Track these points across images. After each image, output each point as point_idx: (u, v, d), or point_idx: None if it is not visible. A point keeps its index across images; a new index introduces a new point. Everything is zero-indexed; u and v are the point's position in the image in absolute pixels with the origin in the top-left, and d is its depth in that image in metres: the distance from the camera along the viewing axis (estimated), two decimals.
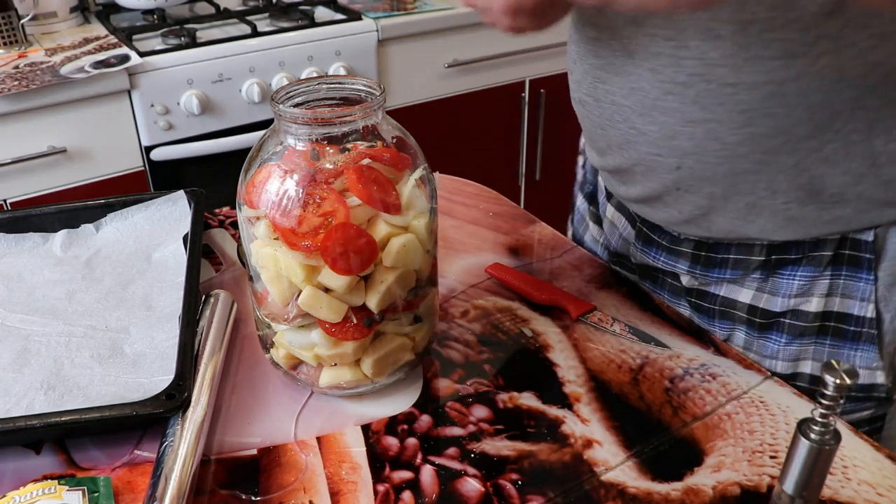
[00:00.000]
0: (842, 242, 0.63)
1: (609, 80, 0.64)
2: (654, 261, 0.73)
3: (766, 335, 0.68)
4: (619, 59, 0.62)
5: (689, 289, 0.72)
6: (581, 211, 0.88)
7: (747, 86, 0.56)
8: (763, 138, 0.58)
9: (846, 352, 0.66)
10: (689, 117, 0.60)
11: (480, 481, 0.53)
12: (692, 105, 0.59)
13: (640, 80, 0.61)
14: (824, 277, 0.64)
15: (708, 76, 0.57)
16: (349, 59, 1.66)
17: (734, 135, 0.59)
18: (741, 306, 0.68)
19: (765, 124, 0.58)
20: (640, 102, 0.62)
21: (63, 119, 1.41)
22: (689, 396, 0.60)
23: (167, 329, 0.66)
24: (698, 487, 0.52)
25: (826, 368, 0.41)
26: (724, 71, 0.57)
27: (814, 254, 0.64)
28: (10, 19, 1.50)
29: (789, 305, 0.66)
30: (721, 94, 0.57)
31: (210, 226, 0.86)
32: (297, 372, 0.60)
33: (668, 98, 0.60)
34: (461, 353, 0.66)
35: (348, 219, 0.53)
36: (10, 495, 0.51)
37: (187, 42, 1.54)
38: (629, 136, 0.65)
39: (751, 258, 0.66)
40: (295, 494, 0.52)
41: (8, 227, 0.80)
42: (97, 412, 0.54)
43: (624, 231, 0.77)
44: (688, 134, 0.61)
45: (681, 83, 0.59)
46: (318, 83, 0.57)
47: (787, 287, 0.65)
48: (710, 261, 0.68)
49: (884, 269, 0.63)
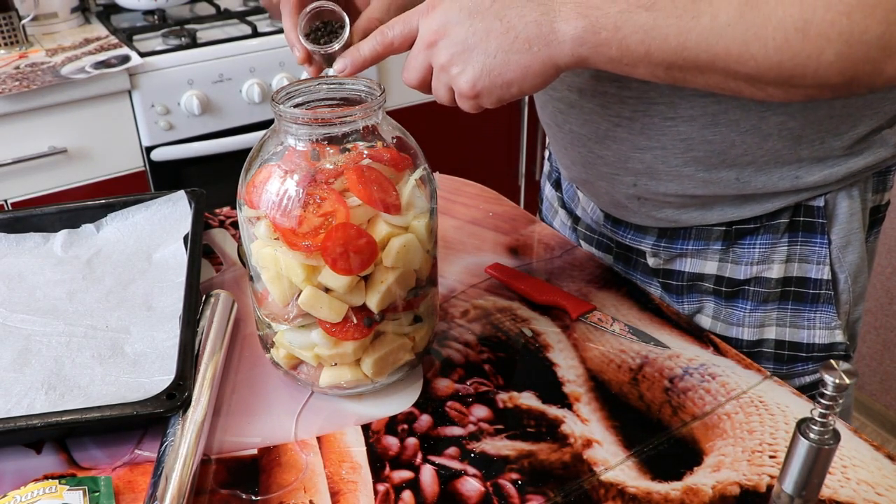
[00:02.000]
0: (796, 210, 0.67)
1: (566, 111, 0.70)
2: (622, 238, 0.77)
3: (733, 303, 0.71)
4: (572, 95, 0.68)
5: (656, 269, 0.74)
6: (549, 199, 0.92)
7: (685, 118, 0.62)
8: (703, 159, 0.64)
9: (806, 314, 0.69)
10: (637, 145, 0.66)
11: (480, 481, 0.53)
12: (639, 135, 0.65)
13: (592, 114, 0.67)
14: (782, 244, 0.68)
15: (649, 112, 0.63)
16: None
17: (678, 158, 0.65)
18: (708, 277, 0.71)
19: (704, 149, 0.63)
20: (594, 132, 0.67)
21: (64, 119, 1.41)
22: (689, 396, 0.60)
23: (168, 329, 0.66)
24: (698, 487, 0.52)
25: (825, 368, 0.41)
26: (662, 108, 0.62)
27: (771, 223, 0.68)
28: (10, 20, 1.50)
29: (752, 273, 0.69)
30: (662, 126, 0.63)
31: (210, 226, 0.86)
32: (298, 372, 0.60)
33: (617, 130, 0.65)
34: (461, 353, 0.66)
35: (348, 219, 0.53)
36: (11, 495, 0.51)
37: (188, 42, 1.54)
38: (588, 158, 0.70)
39: (712, 229, 0.70)
40: (295, 494, 0.52)
41: (9, 227, 0.80)
42: (98, 412, 0.54)
43: (594, 215, 0.81)
44: (638, 158, 0.66)
45: (627, 117, 0.65)
46: (318, 83, 0.58)
47: (749, 255, 0.69)
48: (675, 233, 0.72)
49: (836, 233, 0.67)
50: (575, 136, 0.70)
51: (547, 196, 0.93)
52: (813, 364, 0.70)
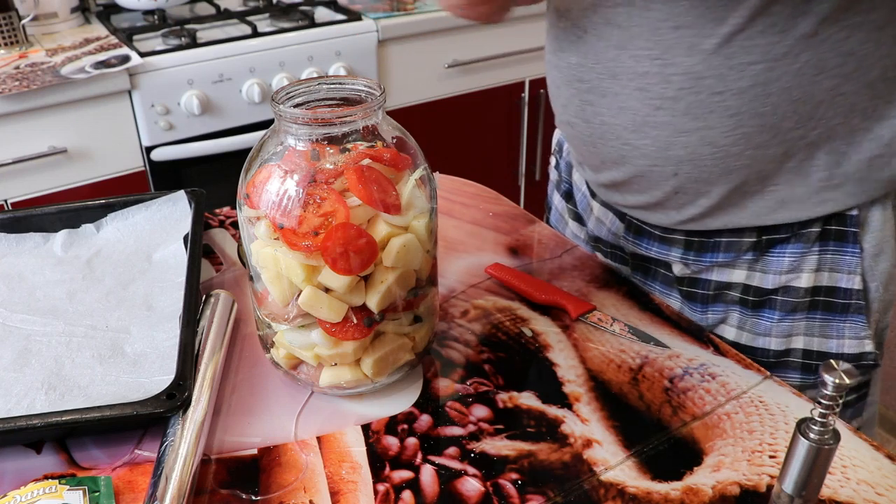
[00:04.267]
0: (828, 219, 0.65)
1: (596, 101, 0.67)
2: (646, 251, 0.75)
3: (759, 313, 0.70)
4: (605, 82, 0.65)
5: (681, 277, 0.73)
6: (559, 210, 0.90)
7: (734, 92, 0.59)
8: (753, 135, 0.61)
9: (836, 324, 0.68)
10: (681, 128, 0.62)
11: (480, 481, 0.53)
12: (683, 116, 0.61)
13: (629, 100, 0.64)
14: (813, 253, 0.66)
15: (696, 88, 0.60)
16: (349, 60, 1.66)
17: (726, 137, 0.62)
18: (735, 286, 0.70)
19: (754, 123, 0.61)
20: (631, 120, 0.64)
21: (64, 119, 1.41)
22: (689, 396, 0.60)
23: (168, 329, 0.66)
24: (698, 487, 0.52)
25: (825, 368, 0.41)
26: (711, 82, 0.60)
27: (802, 231, 0.66)
28: (10, 20, 1.50)
29: (781, 282, 0.68)
30: (710, 102, 0.60)
31: (210, 226, 0.86)
32: (298, 372, 0.60)
33: (658, 113, 0.62)
34: (461, 353, 0.66)
35: (348, 219, 0.53)
36: (11, 495, 0.51)
37: (188, 42, 1.54)
38: (623, 152, 0.67)
39: (742, 240, 0.68)
40: (295, 494, 0.52)
41: (9, 227, 0.80)
42: (98, 412, 0.54)
43: (612, 226, 0.79)
44: (682, 143, 0.63)
45: (670, 98, 0.61)
46: (318, 83, 0.58)
47: (778, 264, 0.67)
48: (703, 246, 0.70)
49: (868, 241, 0.66)
50: (607, 128, 0.67)
51: (556, 207, 0.91)
52: None
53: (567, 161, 0.86)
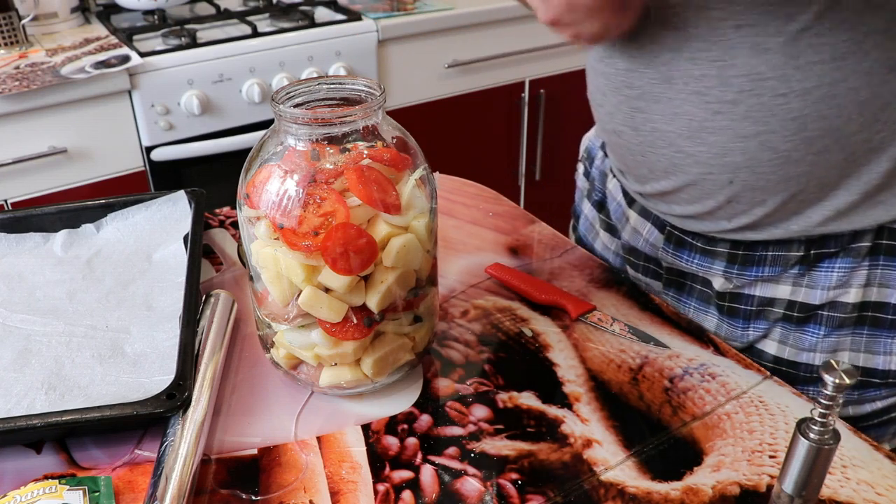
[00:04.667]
0: (879, 232, 0.63)
1: (648, 108, 0.64)
2: (686, 264, 0.72)
3: (804, 328, 0.67)
4: (657, 87, 0.62)
5: (722, 293, 0.70)
6: (589, 219, 0.87)
7: (798, 93, 0.57)
8: (816, 140, 0.59)
9: (884, 340, 0.65)
10: (741, 133, 0.60)
11: (480, 481, 0.53)
12: (743, 121, 0.59)
13: (685, 105, 0.61)
14: (862, 268, 0.64)
15: (758, 90, 0.58)
16: (349, 60, 1.66)
17: (787, 141, 0.59)
18: (779, 303, 0.68)
19: (817, 126, 0.58)
20: (686, 126, 0.62)
21: (64, 119, 1.41)
22: (689, 396, 0.60)
23: (168, 329, 0.66)
24: (698, 487, 0.52)
25: (825, 368, 0.41)
26: (774, 83, 0.57)
27: (852, 245, 0.64)
28: (10, 20, 1.50)
29: (827, 297, 0.65)
30: (772, 105, 0.58)
31: (210, 226, 0.86)
32: (298, 372, 0.60)
33: (716, 118, 0.60)
34: (461, 353, 0.66)
35: (348, 219, 0.53)
36: (11, 495, 0.51)
37: (188, 42, 1.54)
38: (675, 160, 0.65)
39: (790, 254, 0.66)
40: (295, 494, 0.52)
41: (9, 227, 0.80)
42: (98, 412, 0.54)
43: (650, 237, 0.76)
44: (740, 149, 0.61)
45: (729, 101, 0.59)
46: (318, 83, 0.58)
47: (826, 280, 0.65)
48: (748, 259, 0.68)
49: None
50: (659, 135, 0.64)
51: (587, 215, 0.88)
52: (887, 389, 0.67)
53: (601, 170, 0.84)
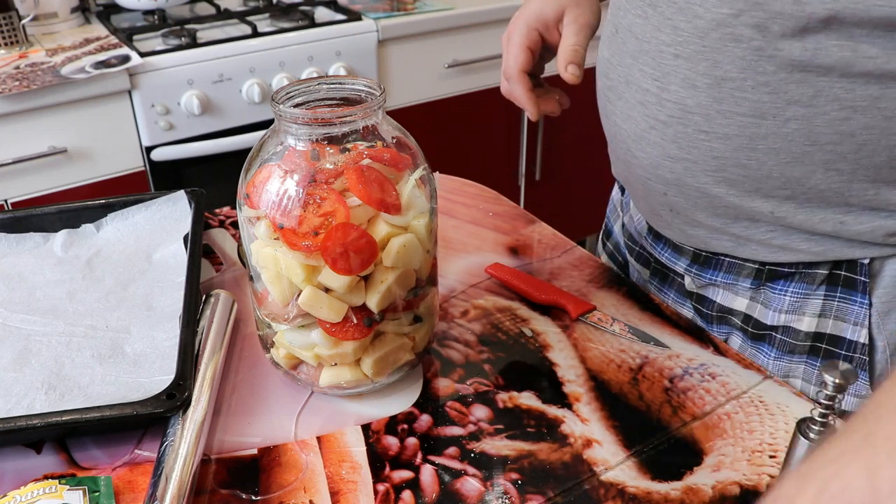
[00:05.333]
0: (837, 263, 0.62)
1: (614, 101, 0.66)
2: (660, 255, 0.74)
3: (759, 346, 0.68)
4: (621, 86, 0.64)
5: (691, 292, 0.72)
6: (615, 200, 0.88)
7: (719, 136, 0.58)
8: (737, 183, 0.59)
9: None
10: (668, 153, 0.62)
11: (480, 481, 0.53)
12: (671, 144, 0.61)
13: (633, 110, 0.63)
14: (817, 297, 0.63)
15: (684, 120, 0.59)
16: (349, 60, 1.66)
17: (709, 176, 0.60)
18: (737, 314, 0.68)
19: (737, 172, 0.59)
20: (633, 130, 0.64)
21: (64, 119, 1.41)
22: (689, 396, 0.60)
23: (168, 329, 0.66)
24: (698, 487, 0.52)
25: (825, 368, 0.41)
26: (698, 119, 0.58)
27: (808, 271, 0.63)
28: (10, 20, 1.50)
29: (780, 321, 0.65)
30: (696, 138, 0.59)
31: (210, 226, 0.86)
32: (298, 372, 0.60)
33: (652, 132, 0.62)
34: (461, 353, 0.66)
35: (348, 219, 0.53)
36: (11, 495, 0.51)
37: (188, 42, 1.54)
38: (627, 157, 0.67)
39: (745, 264, 0.66)
40: (295, 494, 0.52)
41: (9, 227, 0.80)
42: (98, 412, 0.54)
43: (639, 225, 0.78)
44: (668, 167, 0.62)
45: (662, 121, 0.61)
46: (318, 83, 0.58)
47: (779, 302, 0.65)
48: (708, 261, 0.69)
49: (879, 296, 0.61)
50: (617, 129, 0.67)
51: (613, 197, 0.88)
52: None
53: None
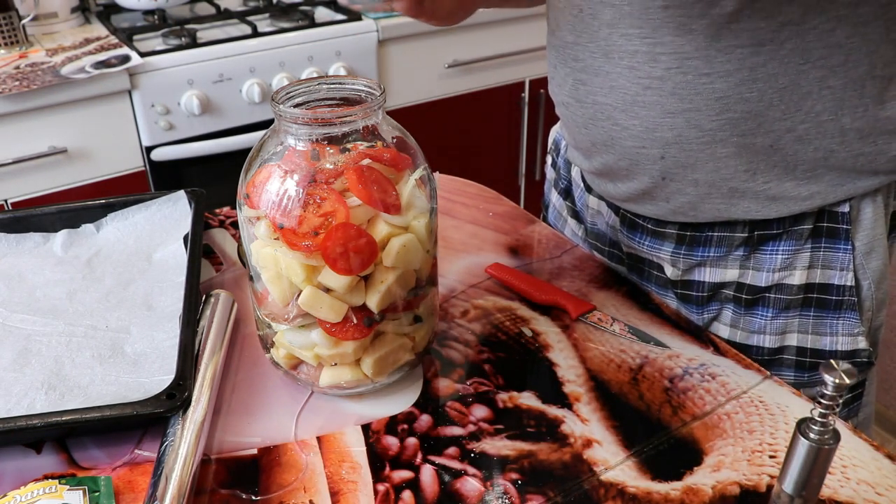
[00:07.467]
0: (820, 215, 0.66)
1: (589, 80, 0.67)
2: (638, 246, 0.75)
3: (753, 311, 0.70)
4: (597, 61, 0.66)
5: (674, 280, 0.73)
6: (557, 208, 0.90)
7: (721, 74, 0.60)
8: (740, 122, 0.62)
9: (829, 321, 0.68)
10: (668, 109, 0.63)
11: (480, 481, 0.53)
12: (671, 97, 0.62)
13: (619, 79, 0.64)
14: (805, 250, 0.67)
15: (683, 68, 0.61)
16: (349, 60, 1.66)
17: (713, 121, 0.62)
18: (728, 285, 0.70)
19: (740, 109, 0.61)
20: (621, 99, 0.65)
21: (64, 119, 1.41)
22: (689, 396, 0.60)
23: (168, 329, 0.66)
24: (698, 487, 0.52)
25: (825, 368, 0.41)
26: (698, 62, 0.60)
27: (794, 228, 0.67)
28: (10, 20, 1.50)
29: (774, 280, 0.68)
30: (697, 84, 0.61)
31: (210, 226, 0.86)
32: (298, 372, 0.61)
33: (647, 93, 0.63)
34: (461, 353, 0.66)
35: (348, 219, 0.53)
36: (11, 495, 0.51)
37: (188, 42, 1.54)
38: (612, 133, 0.68)
39: (734, 235, 0.68)
40: (295, 494, 0.52)
41: (9, 227, 0.80)
42: (98, 412, 0.54)
43: (609, 219, 0.79)
44: (668, 125, 0.64)
45: (658, 77, 0.62)
46: (318, 83, 0.58)
47: (771, 262, 0.68)
48: (695, 240, 0.70)
49: (860, 238, 0.66)
50: (599, 107, 0.68)
51: (554, 205, 0.91)
52: None
53: (565, 158, 0.87)
